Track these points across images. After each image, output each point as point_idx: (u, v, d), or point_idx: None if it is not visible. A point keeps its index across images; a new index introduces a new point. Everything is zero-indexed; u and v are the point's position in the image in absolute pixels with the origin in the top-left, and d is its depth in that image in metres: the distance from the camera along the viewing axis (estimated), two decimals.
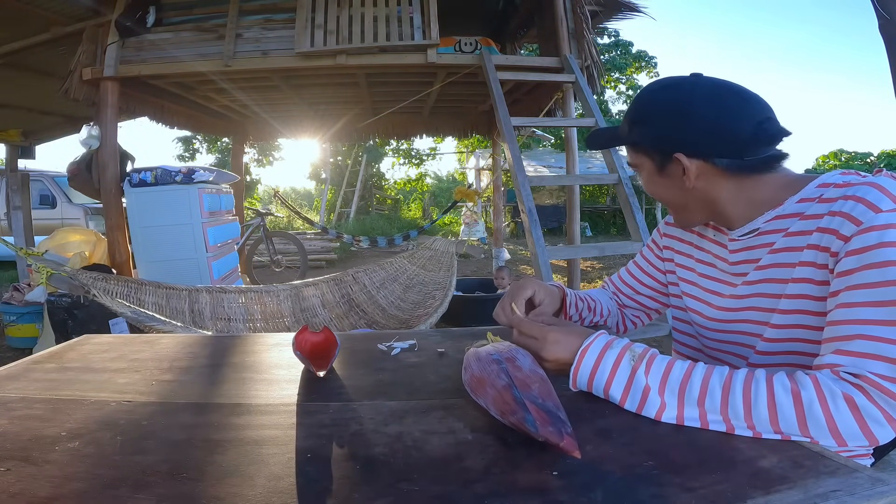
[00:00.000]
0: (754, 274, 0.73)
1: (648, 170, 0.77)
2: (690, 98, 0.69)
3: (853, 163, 12.37)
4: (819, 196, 0.67)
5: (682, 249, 0.89)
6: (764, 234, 0.72)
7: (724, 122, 0.68)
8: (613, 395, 0.63)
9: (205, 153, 13.92)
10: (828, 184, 0.67)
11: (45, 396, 0.73)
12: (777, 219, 0.70)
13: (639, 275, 1.00)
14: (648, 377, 0.62)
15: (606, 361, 0.64)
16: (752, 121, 0.67)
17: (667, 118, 0.71)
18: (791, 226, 0.68)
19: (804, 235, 0.66)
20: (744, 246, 0.75)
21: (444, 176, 20.84)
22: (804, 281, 0.66)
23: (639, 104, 0.76)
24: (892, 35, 1.90)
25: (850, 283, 0.59)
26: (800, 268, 0.66)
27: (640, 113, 0.75)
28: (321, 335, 0.80)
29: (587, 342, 0.67)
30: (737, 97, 0.69)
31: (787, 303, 0.68)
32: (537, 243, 2.49)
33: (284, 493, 0.47)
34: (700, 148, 0.69)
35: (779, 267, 0.69)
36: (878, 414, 0.54)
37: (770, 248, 0.71)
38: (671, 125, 0.71)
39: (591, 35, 3.46)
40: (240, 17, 3.33)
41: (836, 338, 0.59)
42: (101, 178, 3.31)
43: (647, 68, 14.78)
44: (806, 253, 0.66)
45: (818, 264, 0.64)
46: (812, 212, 0.66)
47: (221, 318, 3.00)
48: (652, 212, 10.43)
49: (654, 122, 0.73)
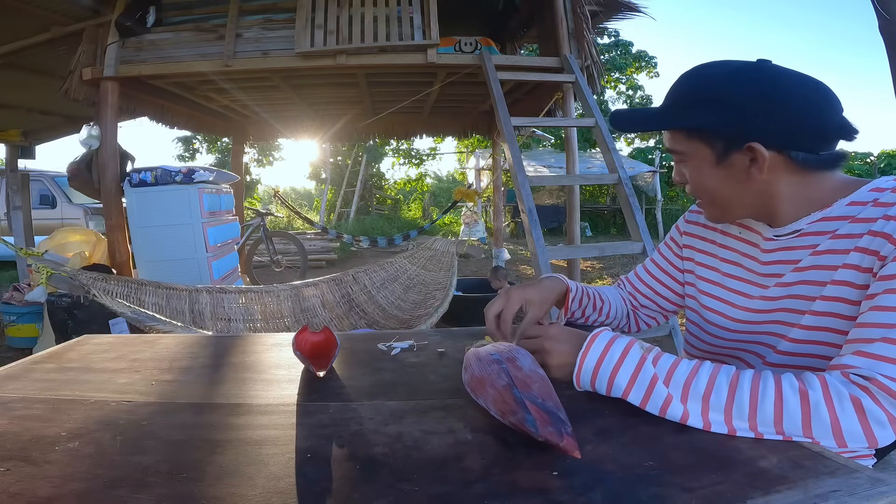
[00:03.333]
0: (791, 276, 0.71)
1: (702, 158, 0.70)
2: (777, 84, 0.65)
3: (853, 163, 12.36)
4: (873, 200, 0.65)
5: (704, 248, 0.87)
6: (806, 236, 0.69)
7: (813, 114, 0.65)
8: (619, 383, 0.62)
9: (205, 153, 13.94)
10: (882, 188, 0.66)
11: (44, 396, 0.73)
12: (823, 220, 0.68)
13: (658, 274, 0.96)
14: (656, 367, 0.61)
15: (615, 350, 0.64)
16: (836, 115, 0.65)
17: (751, 102, 0.65)
18: (840, 228, 0.66)
19: (853, 238, 0.64)
20: (782, 246, 0.72)
21: (444, 176, 20.85)
22: (844, 284, 0.64)
23: (708, 84, 0.68)
24: (892, 35, 1.90)
25: (890, 287, 0.58)
26: (842, 270, 0.65)
27: (710, 94, 0.67)
28: (321, 335, 0.80)
29: (593, 334, 0.67)
30: (821, 89, 0.65)
31: (821, 305, 0.66)
32: (537, 243, 2.49)
33: (284, 493, 0.47)
34: (782, 138, 0.65)
35: (820, 269, 0.67)
36: (882, 416, 0.54)
37: (813, 249, 0.68)
38: (755, 110, 0.65)
39: (591, 35, 3.46)
40: (240, 17, 3.33)
41: (860, 339, 0.58)
42: (101, 178, 3.31)
43: (647, 68, 14.76)
44: (852, 255, 0.64)
45: (862, 268, 0.63)
46: (864, 215, 0.64)
47: (222, 319, 3.01)
48: (652, 212, 10.42)
49: (732, 104, 0.66)
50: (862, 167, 12.22)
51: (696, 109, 0.68)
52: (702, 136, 0.69)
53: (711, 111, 0.67)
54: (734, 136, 0.67)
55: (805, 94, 0.65)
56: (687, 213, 0.94)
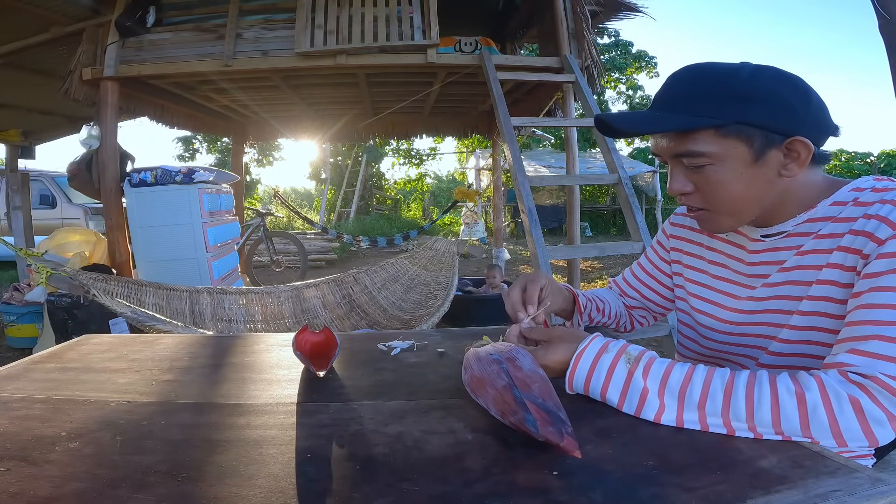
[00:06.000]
0: (777, 276, 0.71)
1: (737, 158, 0.66)
2: (795, 78, 0.65)
3: (853, 163, 12.35)
4: (853, 199, 0.66)
5: (691, 251, 0.87)
6: (792, 237, 0.70)
7: (824, 108, 0.66)
8: (611, 398, 0.63)
9: (205, 153, 13.94)
10: (862, 188, 0.66)
11: (44, 396, 0.73)
12: (808, 222, 0.69)
13: (643, 276, 0.98)
14: (647, 380, 0.61)
15: (602, 365, 0.64)
16: (829, 111, 0.67)
17: (791, 97, 0.64)
18: (822, 228, 0.67)
19: (835, 238, 0.65)
20: (767, 247, 0.73)
21: (444, 176, 20.84)
22: (829, 283, 0.65)
23: (730, 81, 0.64)
24: (892, 35, 1.90)
25: (876, 285, 0.58)
26: (826, 269, 0.65)
27: (739, 90, 0.64)
28: (321, 335, 0.80)
29: (581, 347, 0.66)
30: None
31: (808, 304, 0.67)
32: (537, 243, 2.49)
33: (284, 493, 0.47)
34: (814, 132, 0.65)
35: (805, 269, 0.68)
36: (880, 415, 0.54)
37: (797, 250, 0.69)
38: (795, 104, 0.64)
39: (591, 35, 3.46)
40: (240, 17, 3.33)
41: (852, 338, 0.59)
42: (101, 178, 3.31)
43: (647, 68, 14.76)
44: (835, 255, 0.65)
45: (846, 266, 0.63)
46: (845, 214, 0.65)
47: (222, 320, 3.01)
48: (652, 212, 10.42)
49: (770, 99, 0.63)
50: (862, 167, 12.21)
51: (732, 105, 0.63)
52: (739, 134, 0.64)
53: (752, 106, 0.63)
54: (781, 131, 0.64)
55: (813, 89, 0.66)
56: (672, 215, 0.94)
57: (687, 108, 0.66)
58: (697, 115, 0.65)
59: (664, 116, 0.68)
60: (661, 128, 0.69)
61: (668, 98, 0.69)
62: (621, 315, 1.00)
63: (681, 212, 0.91)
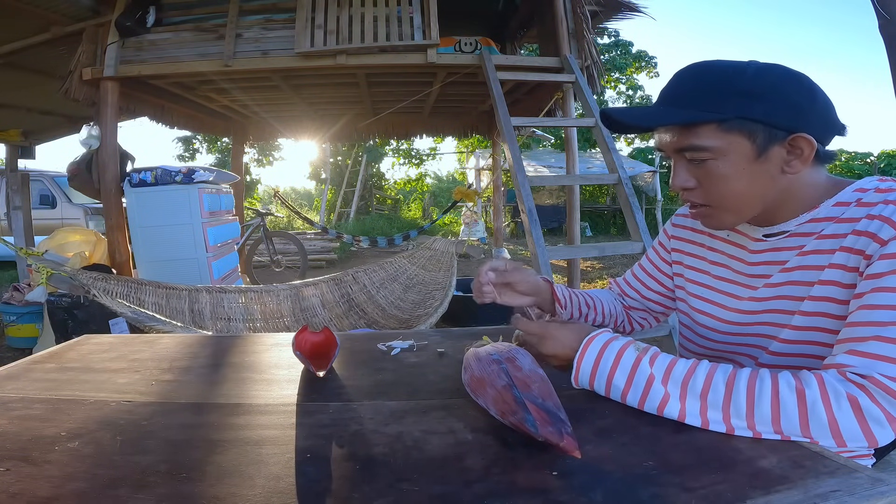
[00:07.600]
0: (779, 276, 0.71)
1: (740, 153, 0.66)
2: (801, 76, 0.65)
3: (853, 163, 12.35)
4: (856, 200, 0.65)
5: (692, 251, 0.87)
6: (794, 237, 0.70)
7: (830, 106, 0.66)
8: (617, 383, 0.63)
9: (205, 153, 13.92)
10: (866, 189, 0.66)
11: (44, 396, 0.73)
12: (811, 222, 0.69)
13: (644, 277, 0.98)
14: (653, 367, 0.62)
15: (610, 352, 0.65)
16: (835, 110, 0.67)
17: (795, 94, 0.64)
18: (825, 228, 0.67)
19: (838, 238, 0.65)
20: (769, 247, 0.73)
21: (444, 176, 20.83)
22: (831, 283, 0.65)
23: (735, 77, 0.64)
24: (892, 35, 1.90)
25: (878, 286, 0.58)
26: (829, 270, 0.65)
27: (744, 86, 0.64)
28: (321, 335, 0.80)
29: (593, 333, 0.67)
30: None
31: (809, 305, 0.67)
32: (537, 243, 2.49)
33: (284, 493, 0.47)
34: (819, 130, 0.65)
35: (807, 269, 0.68)
36: (879, 415, 0.54)
37: (800, 250, 0.69)
38: (799, 101, 0.64)
39: (591, 35, 3.46)
40: (240, 17, 3.33)
41: (852, 338, 0.59)
42: (101, 178, 3.31)
43: (647, 68, 14.75)
44: (837, 255, 0.64)
45: (848, 267, 0.63)
46: (848, 215, 0.65)
47: (221, 318, 3.01)
48: (652, 212, 10.41)
49: (774, 96, 0.64)
50: (862, 167, 12.21)
51: (736, 100, 0.64)
52: (742, 129, 0.64)
53: (756, 101, 0.63)
54: (785, 127, 0.64)
55: (818, 87, 0.66)
56: (673, 216, 0.94)
57: (691, 103, 0.66)
58: (701, 110, 0.65)
59: (667, 111, 0.68)
60: (664, 121, 0.69)
61: (673, 93, 0.69)
62: (616, 314, 1.00)
63: (682, 212, 0.91)
